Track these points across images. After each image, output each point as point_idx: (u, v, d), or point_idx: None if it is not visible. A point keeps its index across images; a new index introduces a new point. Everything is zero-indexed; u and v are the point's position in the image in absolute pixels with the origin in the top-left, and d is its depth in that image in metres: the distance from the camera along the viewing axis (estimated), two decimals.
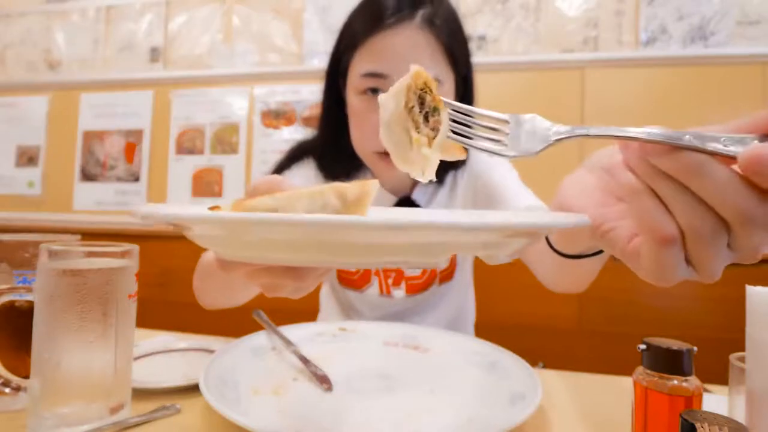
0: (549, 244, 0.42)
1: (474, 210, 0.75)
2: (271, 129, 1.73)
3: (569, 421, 0.45)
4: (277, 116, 1.72)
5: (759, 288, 0.34)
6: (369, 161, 0.73)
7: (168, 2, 1.85)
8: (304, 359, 0.54)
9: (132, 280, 0.42)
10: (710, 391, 0.51)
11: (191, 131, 1.79)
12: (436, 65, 0.65)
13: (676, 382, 0.33)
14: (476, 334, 0.85)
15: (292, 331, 0.61)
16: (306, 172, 0.80)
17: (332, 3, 1.69)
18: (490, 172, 0.76)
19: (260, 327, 0.62)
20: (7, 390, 0.43)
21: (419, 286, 0.80)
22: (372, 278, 0.80)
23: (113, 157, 1.84)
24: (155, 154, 1.81)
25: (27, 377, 0.40)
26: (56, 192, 1.88)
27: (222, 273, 0.32)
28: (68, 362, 0.38)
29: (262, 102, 1.74)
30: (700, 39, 1.42)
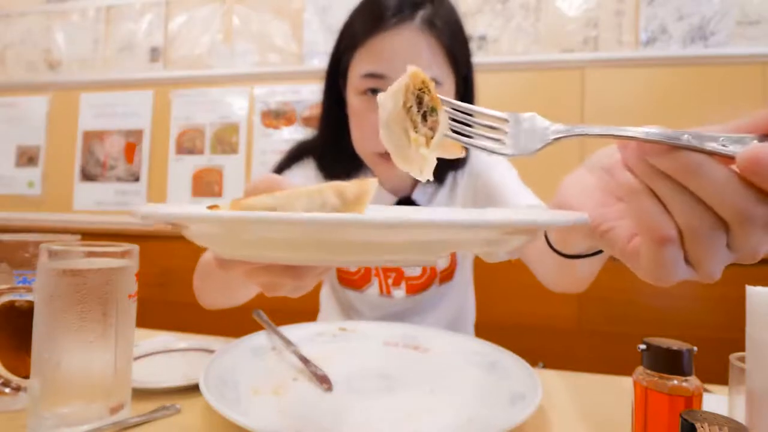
0: (549, 244, 0.42)
1: (474, 209, 0.75)
2: (271, 129, 1.73)
3: (569, 421, 0.45)
4: (277, 116, 1.72)
5: (759, 288, 0.34)
6: (369, 161, 0.73)
7: (168, 2, 1.85)
8: (304, 359, 0.54)
9: (132, 280, 0.42)
10: (710, 391, 0.51)
11: (191, 131, 1.79)
12: (437, 66, 0.65)
13: (676, 382, 0.33)
14: (476, 334, 0.85)
15: (292, 331, 0.61)
16: (306, 172, 0.80)
17: (332, 3, 1.69)
18: (490, 172, 0.76)
19: (260, 327, 0.62)
20: (7, 390, 0.43)
21: (419, 286, 0.80)
22: (372, 278, 0.80)
23: (113, 157, 1.84)
24: (155, 154, 1.81)
25: (27, 377, 0.40)
26: (56, 192, 1.88)
27: (221, 272, 0.32)
28: (68, 362, 0.38)
29: (262, 102, 1.74)
30: (700, 39, 1.42)
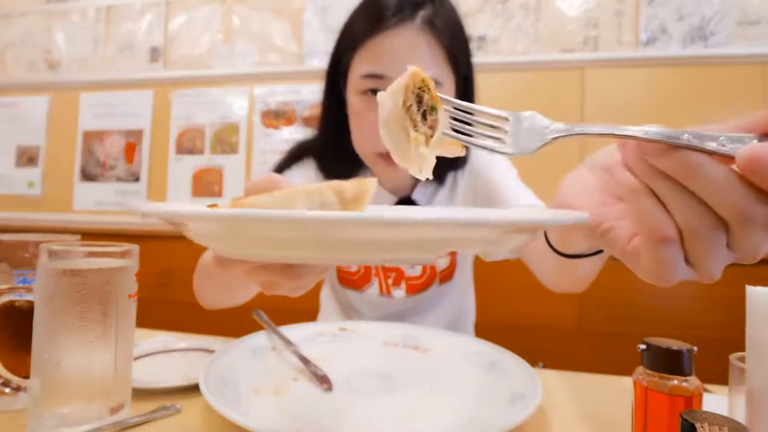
0: (549, 244, 0.42)
1: (474, 208, 0.75)
2: (271, 129, 1.73)
3: (569, 421, 0.45)
4: (277, 116, 1.72)
5: (759, 288, 0.34)
6: (369, 161, 0.73)
7: (168, 2, 1.85)
8: (304, 359, 0.54)
9: (132, 280, 0.42)
10: (710, 391, 0.50)
11: (191, 131, 1.79)
12: (437, 66, 0.65)
13: (676, 382, 0.33)
14: (476, 334, 0.85)
15: (292, 331, 0.61)
16: (306, 172, 0.80)
17: (332, 3, 1.69)
18: (490, 171, 0.76)
19: (260, 327, 0.62)
20: (7, 390, 0.43)
21: (419, 286, 0.80)
22: (372, 278, 0.80)
23: (113, 157, 1.84)
24: (155, 154, 1.81)
25: (27, 377, 0.40)
26: (56, 192, 1.88)
27: (221, 271, 0.32)
28: (68, 362, 0.38)
29: (262, 102, 1.74)
30: (700, 39, 1.42)
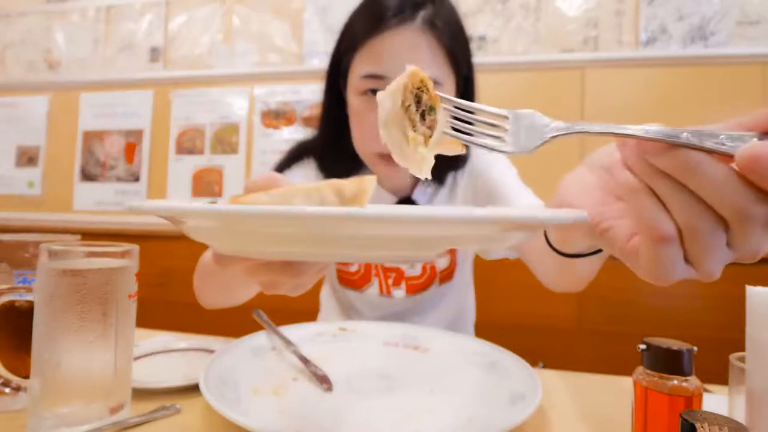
0: (549, 244, 0.42)
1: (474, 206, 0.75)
2: (271, 129, 1.73)
3: (569, 421, 0.45)
4: (277, 116, 1.72)
5: (759, 288, 0.34)
6: (369, 162, 0.73)
7: (168, 2, 1.85)
8: (304, 359, 0.54)
9: (132, 280, 0.42)
10: (710, 391, 0.50)
11: (191, 131, 1.79)
12: (437, 67, 0.65)
13: (676, 382, 0.33)
14: (476, 334, 0.85)
15: (292, 331, 0.61)
16: (306, 172, 0.80)
17: (332, 3, 1.69)
18: (490, 171, 0.76)
19: (260, 327, 0.62)
20: (7, 390, 0.43)
21: (419, 286, 0.80)
22: (372, 278, 0.80)
23: (113, 157, 1.84)
24: (155, 154, 1.81)
25: (27, 377, 0.40)
26: (56, 192, 1.88)
27: (220, 269, 0.32)
28: (68, 362, 0.38)
29: (262, 102, 1.74)
30: (700, 39, 1.42)
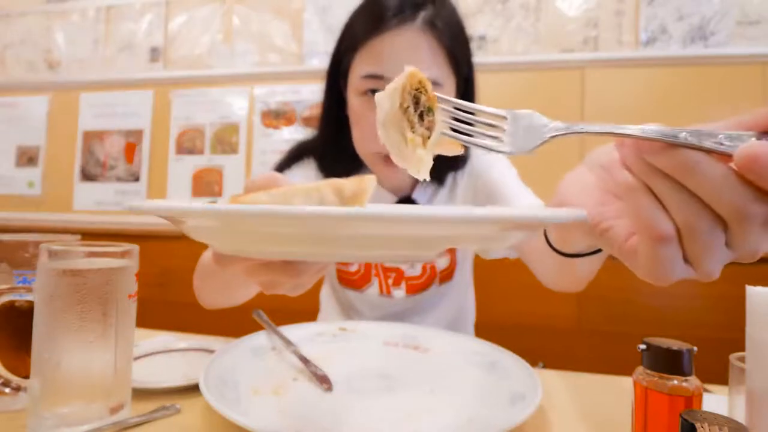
0: (549, 243, 0.42)
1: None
2: (271, 129, 1.73)
3: (569, 421, 0.45)
4: (277, 116, 1.72)
5: (759, 288, 0.34)
6: (369, 162, 0.73)
7: (168, 2, 1.85)
8: (304, 359, 0.54)
9: (132, 280, 0.42)
10: (710, 391, 0.50)
11: (191, 131, 1.79)
12: (437, 67, 0.65)
13: (676, 382, 0.33)
14: (476, 334, 0.85)
15: (292, 331, 0.61)
16: (306, 172, 0.80)
17: (332, 3, 1.69)
18: (490, 171, 0.76)
19: (260, 327, 0.62)
20: (7, 390, 0.43)
21: (419, 286, 0.80)
22: (372, 278, 0.80)
23: (113, 157, 1.84)
24: (155, 154, 1.81)
25: (27, 377, 0.40)
26: (56, 192, 1.88)
27: (220, 269, 0.32)
28: (68, 362, 0.38)
29: (262, 102, 1.74)
30: (700, 39, 1.42)
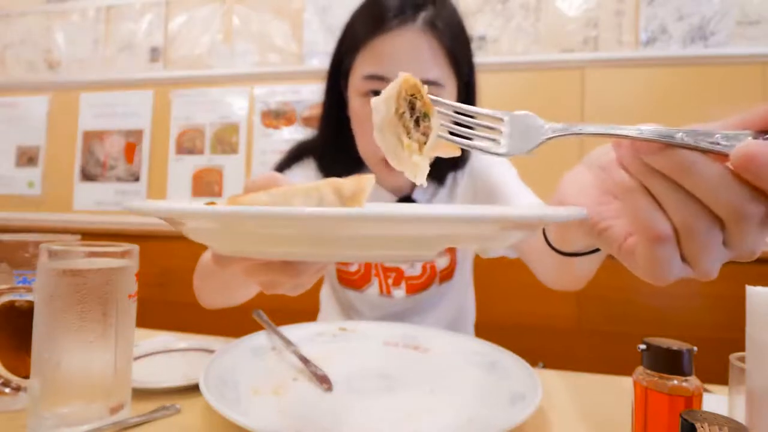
0: (548, 243, 0.42)
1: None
2: (271, 129, 1.73)
3: (569, 421, 0.45)
4: (277, 116, 1.72)
5: (759, 288, 0.34)
6: (371, 163, 0.73)
7: (168, 2, 1.85)
8: (304, 359, 0.54)
9: (132, 280, 0.42)
10: (710, 391, 0.50)
11: (191, 131, 1.79)
12: (438, 68, 0.65)
13: (676, 382, 0.33)
14: (476, 334, 0.85)
15: (292, 331, 0.61)
16: (306, 172, 0.80)
17: (332, 3, 1.69)
18: (489, 171, 0.76)
19: (260, 327, 0.62)
20: (7, 390, 0.43)
21: (419, 286, 0.80)
22: (372, 278, 0.80)
23: (113, 157, 1.84)
24: (155, 154, 1.81)
25: (27, 377, 0.40)
26: (56, 192, 1.88)
27: (220, 269, 0.32)
28: (68, 362, 0.38)
29: (262, 102, 1.74)
30: (700, 39, 1.42)
